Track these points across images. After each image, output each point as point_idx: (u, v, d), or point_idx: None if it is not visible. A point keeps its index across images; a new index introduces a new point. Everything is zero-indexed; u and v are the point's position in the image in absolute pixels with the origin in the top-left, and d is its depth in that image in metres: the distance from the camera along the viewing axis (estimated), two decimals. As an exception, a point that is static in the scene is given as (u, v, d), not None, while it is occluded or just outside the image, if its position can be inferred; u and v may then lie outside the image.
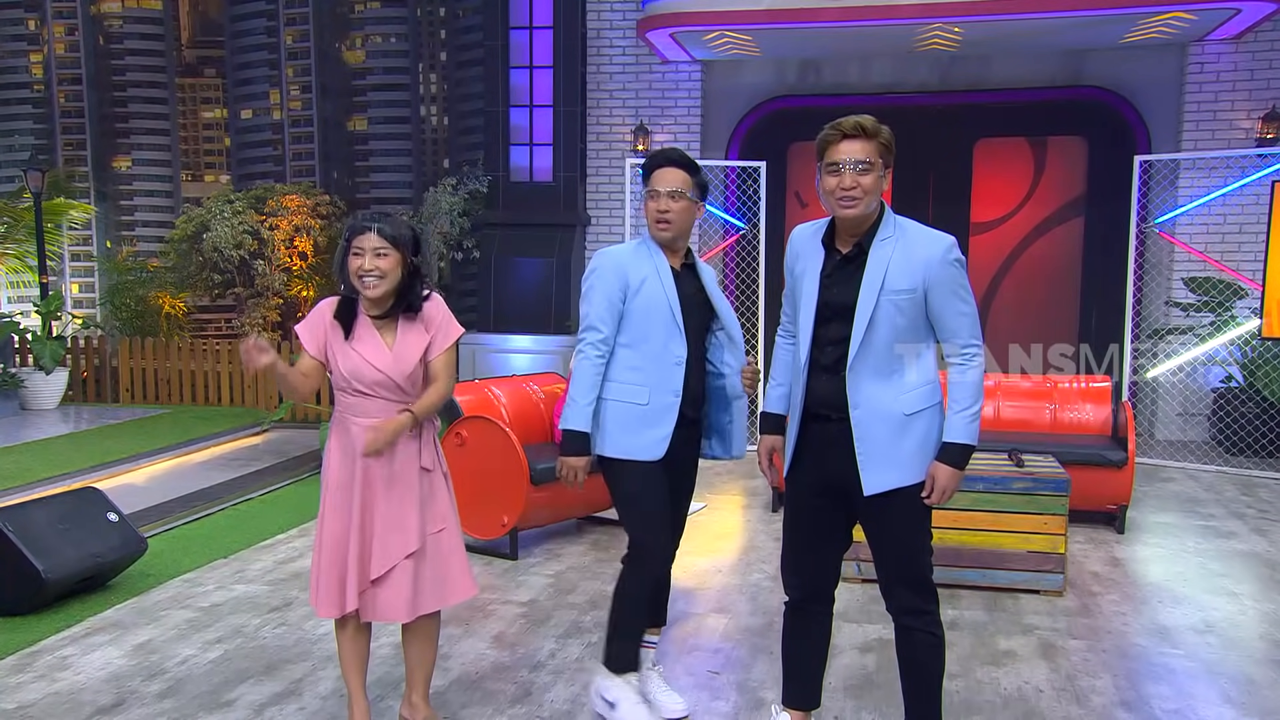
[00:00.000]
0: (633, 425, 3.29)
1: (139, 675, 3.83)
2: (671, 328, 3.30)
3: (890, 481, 2.86)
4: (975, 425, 2.84)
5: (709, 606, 4.66)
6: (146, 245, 15.12)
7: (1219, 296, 8.56)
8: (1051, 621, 4.47)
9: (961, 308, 2.83)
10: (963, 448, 2.84)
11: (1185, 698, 3.69)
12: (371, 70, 15.53)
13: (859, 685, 3.77)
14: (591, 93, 10.29)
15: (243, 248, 11.44)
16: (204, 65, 17.74)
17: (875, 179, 2.84)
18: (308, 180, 14.17)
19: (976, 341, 2.86)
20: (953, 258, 2.82)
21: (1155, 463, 8.11)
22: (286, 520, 6.21)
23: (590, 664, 3.92)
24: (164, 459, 7.97)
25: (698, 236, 10.14)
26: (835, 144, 2.87)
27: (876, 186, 2.85)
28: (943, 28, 8.57)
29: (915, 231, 2.89)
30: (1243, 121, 9.00)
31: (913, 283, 2.80)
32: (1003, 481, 4.87)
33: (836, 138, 2.87)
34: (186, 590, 4.86)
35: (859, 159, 2.83)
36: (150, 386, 10.90)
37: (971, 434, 2.84)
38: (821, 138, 2.91)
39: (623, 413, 3.30)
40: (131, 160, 16.56)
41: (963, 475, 2.88)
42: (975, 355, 2.85)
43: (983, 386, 2.87)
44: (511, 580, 5.03)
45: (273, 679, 3.79)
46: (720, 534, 6.01)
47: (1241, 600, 4.81)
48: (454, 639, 4.21)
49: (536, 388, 6.16)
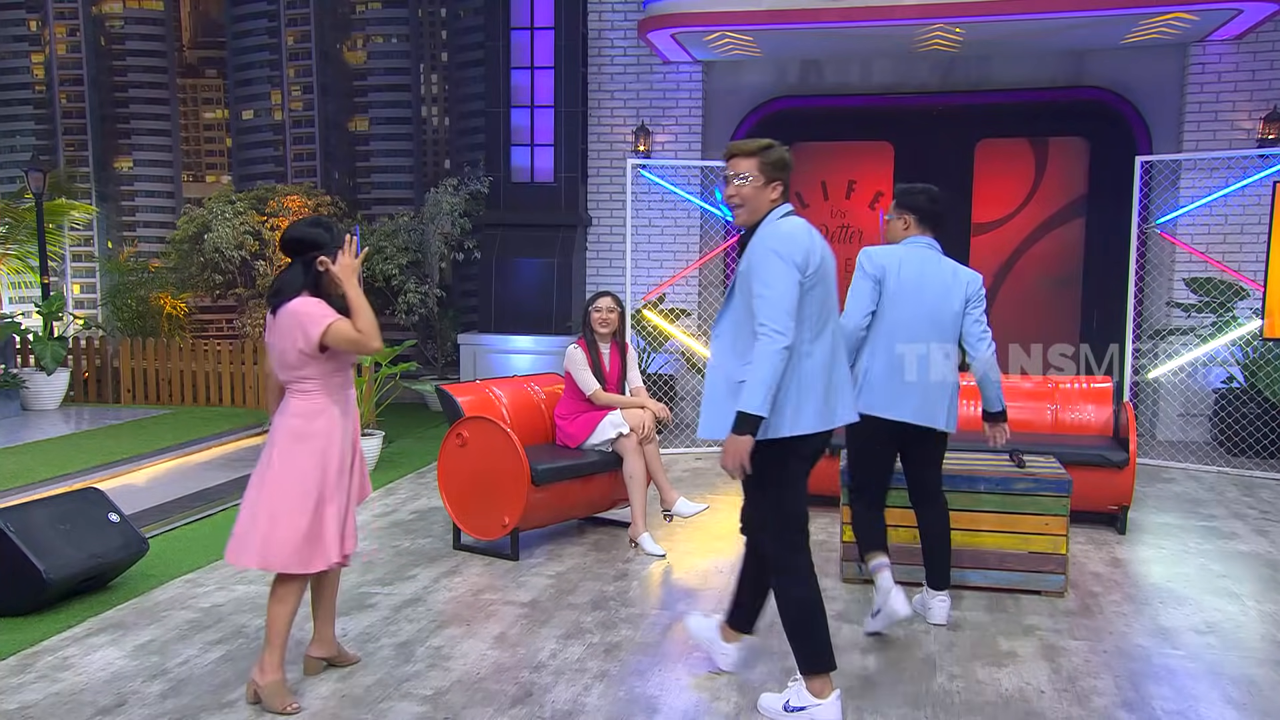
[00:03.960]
0: None
1: (140, 676, 3.83)
2: None
3: (714, 432, 3.39)
4: (755, 395, 3.19)
5: (710, 607, 4.65)
6: (148, 246, 15.11)
7: (1220, 297, 8.56)
8: (1053, 622, 4.47)
9: (760, 290, 3.26)
10: (740, 415, 3.22)
11: (1186, 699, 3.69)
12: (373, 71, 15.52)
13: (860, 686, 3.77)
14: (592, 93, 10.29)
15: (244, 248, 11.44)
16: (205, 66, 17.71)
17: (754, 189, 3.39)
18: (309, 181, 14.16)
19: (766, 323, 3.22)
20: (766, 248, 3.29)
21: (1156, 463, 8.10)
22: (287, 521, 6.20)
23: (593, 664, 3.92)
24: (165, 459, 7.97)
25: (699, 238, 10.15)
26: (728, 159, 3.46)
27: (755, 195, 3.40)
28: (944, 28, 8.57)
29: (765, 230, 3.37)
30: (1244, 122, 8.99)
31: (743, 269, 3.36)
32: (1004, 482, 4.87)
33: (728, 154, 3.46)
34: (188, 590, 4.86)
35: (740, 172, 3.41)
36: (151, 387, 10.90)
37: (747, 402, 3.20)
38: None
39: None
40: (133, 161, 16.55)
41: (744, 442, 3.22)
42: (762, 335, 3.22)
43: (767, 362, 3.20)
44: (512, 581, 5.03)
45: (274, 679, 3.78)
46: (721, 534, 6.01)
47: (1243, 601, 4.81)
48: (455, 639, 4.21)
49: (538, 388, 6.16)
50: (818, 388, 3.34)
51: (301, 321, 3.45)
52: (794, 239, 3.31)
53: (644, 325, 9.41)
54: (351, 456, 3.67)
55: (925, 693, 3.72)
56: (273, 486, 3.50)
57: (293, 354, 3.49)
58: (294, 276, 3.54)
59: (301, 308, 3.48)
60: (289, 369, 3.52)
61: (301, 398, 3.54)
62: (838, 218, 10.51)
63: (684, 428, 9.15)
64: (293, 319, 3.47)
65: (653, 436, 5.73)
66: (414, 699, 3.63)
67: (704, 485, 7.30)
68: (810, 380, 3.33)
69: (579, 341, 5.84)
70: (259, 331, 11.22)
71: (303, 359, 3.49)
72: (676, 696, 3.69)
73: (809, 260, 3.30)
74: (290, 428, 3.52)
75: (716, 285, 10.33)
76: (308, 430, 3.52)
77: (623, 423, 5.65)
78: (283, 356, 3.52)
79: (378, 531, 5.99)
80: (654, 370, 9.55)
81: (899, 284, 4.17)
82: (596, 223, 10.48)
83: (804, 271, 3.28)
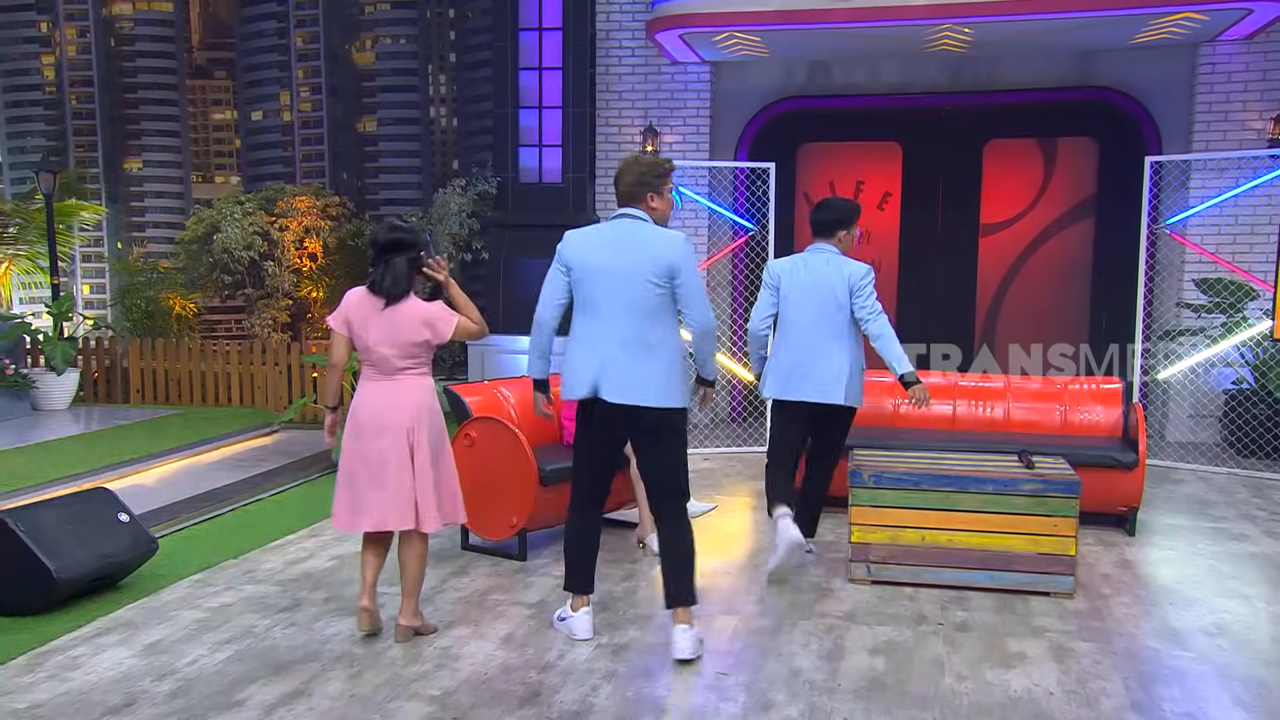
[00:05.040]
0: None
1: (149, 675, 3.84)
2: None
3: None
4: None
5: (718, 608, 4.65)
6: (157, 246, 15.20)
7: (1230, 298, 8.52)
8: (1062, 624, 4.46)
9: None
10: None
11: (1196, 701, 3.68)
12: (381, 72, 15.62)
13: (868, 688, 3.76)
14: (600, 94, 10.29)
15: (253, 249, 11.48)
16: (214, 67, 17.83)
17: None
18: (317, 181, 14.23)
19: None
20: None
21: (1166, 465, 8.08)
22: (296, 521, 6.23)
23: (601, 665, 3.92)
24: (174, 459, 8.00)
25: (707, 238, 10.14)
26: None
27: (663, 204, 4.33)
28: (953, 28, 8.55)
29: None
30: (1254, 122, 8.96)
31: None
32: (1012, 483, 4.85)
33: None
34: (196, 591, 4.88)
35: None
36: (160, 387, 10.93)
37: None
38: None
39: None
40: (142, 162, 16.67)
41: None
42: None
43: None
44: (520, 581, 5.04)
45: (283, 679, 3.80)
46: (729, 535, 6.00)
47: (1253, 603, 4.79)
48: (462, 640, 4.21)
49: (545, 389, 6.16)
50: None
51: (432, 321, 4.13)
52: None
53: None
54: None
55: (933, 694, 3.71)
56: (448, 454, 4.29)
57: (419, 344, 4.13)
58: (404, 274, 4.12)
59: (430, 308, 4.15)
60: (409, 356, 4.14)
61: (420, 377, 4.20)
62: (846, 218, 10.47)
63: (691, 429, 9.14)
64: (422, 317, 4.12)
65: (660, 437, 5.72)
66: (422, 699, 3.64)
67: (712, 485, 7.29)
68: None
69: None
70: (268, 332, 11.26)
71: (427, 347, 4.17)
72: (684, 697, 3.69)
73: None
74: (428, 403, 4.19)
75: (724, 286, 10.32)
76: (435, 400, 4.24)
77: (630, 423, 5.64)
78: (405, 347, 4.11)
79: (386, 532, 5.99)
80: (662, 371, 9.53)
81: (793, 286, 5.05)
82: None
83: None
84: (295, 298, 11.86)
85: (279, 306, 11.71)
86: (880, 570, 4.96)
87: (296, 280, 11.74)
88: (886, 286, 10.46)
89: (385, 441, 4.10)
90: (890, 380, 7.12)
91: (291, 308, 11.89)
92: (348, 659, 4.00)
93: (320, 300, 12.07)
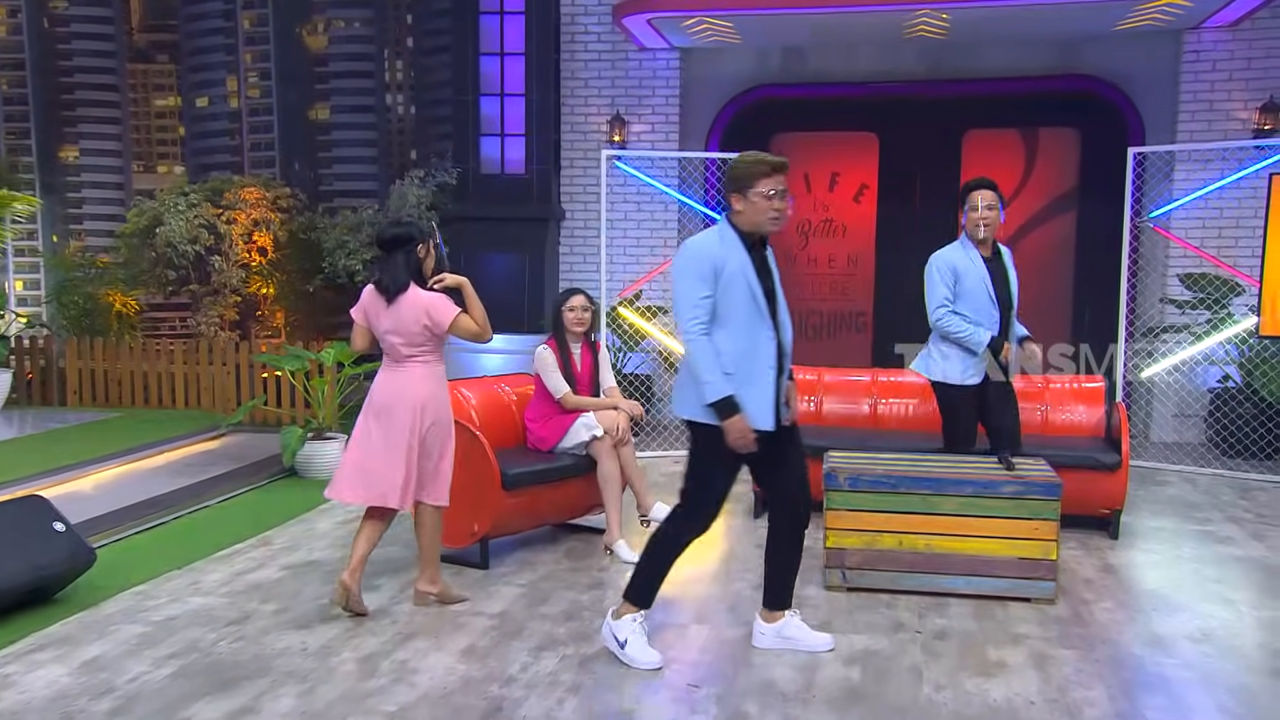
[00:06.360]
0: None
1: (86, 694, 3.79)
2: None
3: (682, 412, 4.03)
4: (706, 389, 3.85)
5: (689, 617, 4.67)
6: (96, 240, 15.00)
7: (1215, 293, 8.65)
8: (1043, 630, 4.51)
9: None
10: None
11: (1181, 709, 3.73)
12: (334, 57, 15.47)
13: (844, 698, 3.78)
14: (565, 81, 10.28)
15: (198, 243, 11.35)
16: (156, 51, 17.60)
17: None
18: (267, 172, 14.09)
19: (679, 329, 3.92)
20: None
21: (1150, 465, 8.19)
22: (245, 528, 6.17)
23: (566, 677, 3.92)
24: (114, 465, 7.90)
25: (677, 232, 10.16)
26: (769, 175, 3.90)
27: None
28: (930, 14, 8.63)
29: None
30: (1240, 112, 9.10)
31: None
32: (992, 485, 4.90)
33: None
34: (138, 603, 4.82)
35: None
36: (100, 388, 10.80)
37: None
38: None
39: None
40: (79, 150, 16.42)
41: (732, 425, 3.85)
42: (681, 337, 3.94)
43: (693, 360, 3.88)
44: (482, 590, 5.02)
45: (229, 696, 3.77)
46: (701, 541, 5.98)
47: (1238, 608, 4.87)
48: (421, 652, 4.20)
49: (508, 389, 6.15)
50: None
51: (431, 310, 4.48)
52: None
53: (619, 323, 9.41)
54: None
55: (911, 704, 3.74)
56: (449, 442, 4.70)
57: (420, 334, 4.51)
58: (401, 269, 4.52)
59: (430, 298, 4.51)
60: (414, 345, 4.54)
61: (425, 366, 4.59)
62: (820, 211, 10.55)
63: (661, 430, 9.16)
64: (423, 306, 4.48)
65: (628, 438, 5.74)
66: (378, 715, 3.62)
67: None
68: None
69: (549, 342, 5.84)
70: (215, 330, 11.15)
71: (430, 336, 4.53)
72: (653, 710, 3.69)
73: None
74: (429, 391, 4.59)
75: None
76: (442, 390, 4.65)
77: (596, 425, 5.66)
78: (410, 335, 4.51)
79: (340, 540, 5.96)
80: (630, 370, 9.56)
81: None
82: (570, 216, 10.47)
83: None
84: (244, 294, 11.74)
85: (227, 303, 11.59)
86: (856, 577, 5.00)
87: (245, 276, 11.63)
88: (864, 282, 10.54)
89: (384, 422, 4.57)
90: (866, 379, 7.18)
91: (240, 305, 11.78)
92: (299, 674, 3.97)
93: (271, 297, 11.96)
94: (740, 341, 3.90)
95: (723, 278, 3.88)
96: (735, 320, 3.90)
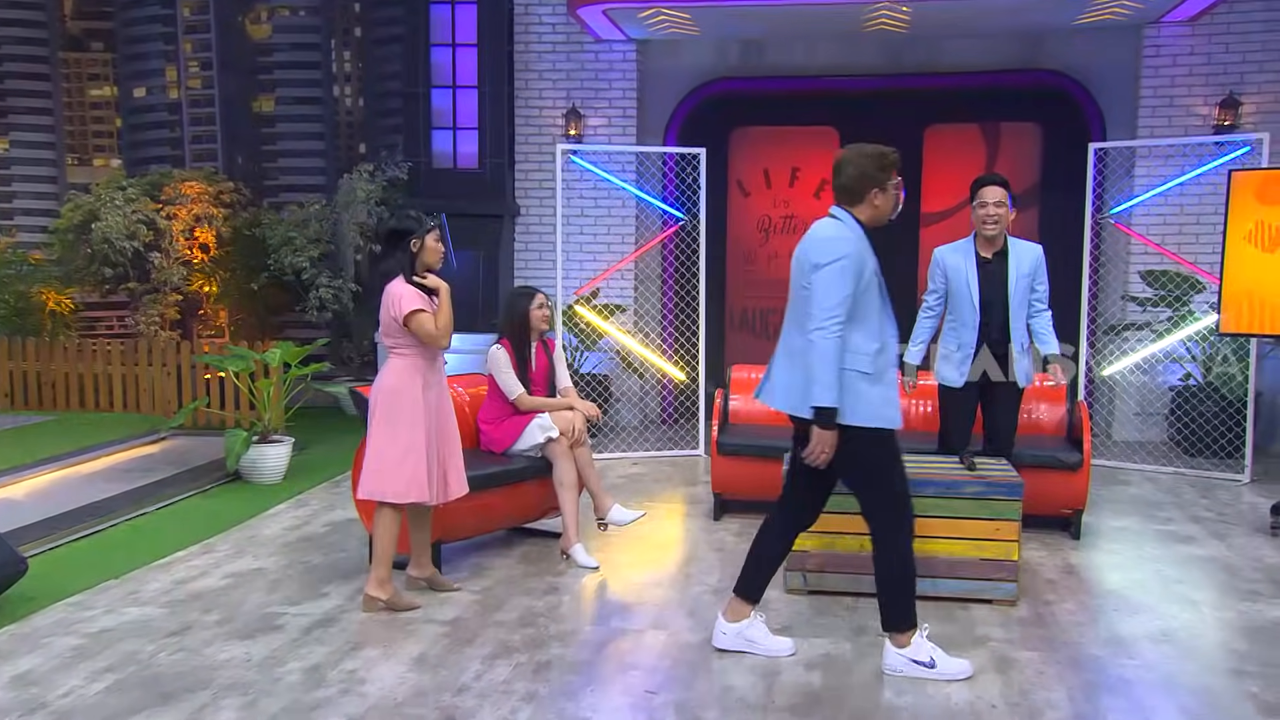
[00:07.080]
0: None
1: (17, 710, 3.72)
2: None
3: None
4: (817, 389, 3.82)
5: (646, 622, 4.67)
6: (28, 236, 14.72)
7: (1176, 290, 8.80)
8: (1004, 632, 4.57)
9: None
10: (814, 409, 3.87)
11: (1142, 711, 3.79)
12: (279, 46, 15.29)
13: (804, 704, 3.81)
14: (520, 73, 10.24)
15: (136, 239, 11.17)
16: (90, 38, 17.30)
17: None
18: (209, 165, 13.89)
19: (812, 324, 3.86)
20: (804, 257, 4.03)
21: (1112, 465, 8.31)
22: (186, 536, 6.09)
23: (520, 685, 3.91)
24: (48, 470, 7.78)
25: (635, 228, 10.16)
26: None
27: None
28: (889, 6, 8.69)
29: None
30: (1199, 108, 9.25)
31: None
32: (953, 485, 4.95)
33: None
34: (73, 615, 4.74)
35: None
36: (33, 391, 10.62)
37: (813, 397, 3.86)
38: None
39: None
40: (9, 143, 16.10)
41: (825, 434, 3.85)
42: (811, 332, 3.86)
43: (816, 359, 3.82)
44: (434, 597, 5.00)
45: (168, 709, 3.72)
46: (660, 544, 6.03)
47: (1200, 608, 4.96)
48: (370, 662, 4.17)
49: (461, 389, 6.12)
50: None
51: (395, 301, 4.63)
52: None
53: (576, 322, 9.40)
54: (442, 418, 4.85)
55: (872, 708, 3.78)
56: (377, 431, 4.71)
57: (390, 324, 4.67)
58: (396, 262, 4.72)
59: (398, 289, 4.64)
60: (389, 336, 4.71)
61: (400, 359, 4.72)
62: (781, 207, 10.59)
63: (619, 431, 9.16)
64: (390, 297, 4.65)
65: (584, 440, 5.74)
66: (325, 728, 3.59)
67: (640, 492, 7.32)
68: None
69: (502, 341, 5.82)
70: (155, 330, 10.99)
71: (398, 328, 4.66)
72: (610, 718, 3.69)
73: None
74: (383, 382, 4.73)
75: (653, 279, 10.35)
76: (399, 385, 4.69)
77: (551, 426, 5.65)
78: (385, 326, 4.70)
79: (286, 546, 5.90)
80: (587, 370, 9.55)
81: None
82: (525, 212, 10.44)
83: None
84: (185, 292, 11.57)
85: (167, 302, 11.41)
86: (817, 580, 5.03)
87: (186, 273, 11.46)
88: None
89: None
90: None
91: (181, 303, 11.60)
92: (242, 686, 3.93)
93: (214, 295, 11.81)
94: (875, 340, 3.93)
95: (864, 277, 3.90)
96: (871, 320, 3.92)
